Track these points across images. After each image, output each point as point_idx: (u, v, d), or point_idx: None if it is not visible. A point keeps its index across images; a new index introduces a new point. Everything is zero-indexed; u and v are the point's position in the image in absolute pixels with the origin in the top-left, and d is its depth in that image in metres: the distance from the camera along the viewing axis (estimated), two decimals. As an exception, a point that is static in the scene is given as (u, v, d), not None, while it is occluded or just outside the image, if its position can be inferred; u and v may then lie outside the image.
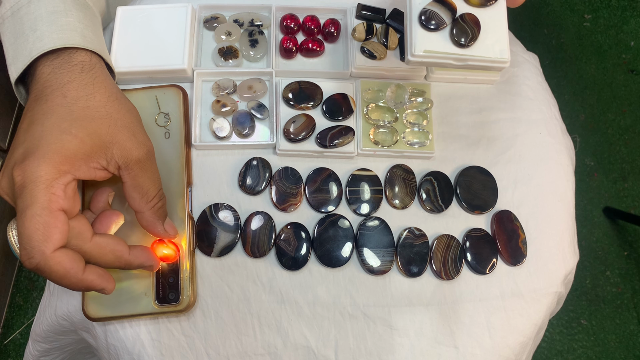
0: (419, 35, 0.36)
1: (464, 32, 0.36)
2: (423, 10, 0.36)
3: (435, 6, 0.36)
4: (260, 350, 0.40)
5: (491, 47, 0.36)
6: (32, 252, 0.29)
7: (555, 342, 1.03)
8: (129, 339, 0.40)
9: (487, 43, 0.36)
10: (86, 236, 0.32)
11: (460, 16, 0.36)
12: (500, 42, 0.36)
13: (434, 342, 0.42)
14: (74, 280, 0.31)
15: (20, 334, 0.91)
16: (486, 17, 0.37)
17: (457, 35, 0.36)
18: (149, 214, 0.36)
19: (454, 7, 0.37)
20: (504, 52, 0.36)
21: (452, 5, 0.37)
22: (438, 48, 0.36)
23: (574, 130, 1.20)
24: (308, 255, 0.42)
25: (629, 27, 1.34)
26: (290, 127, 0.45)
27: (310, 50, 0.49)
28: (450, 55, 0.36)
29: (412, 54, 0.35)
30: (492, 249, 0.44)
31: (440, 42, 0.36)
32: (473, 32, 0.36)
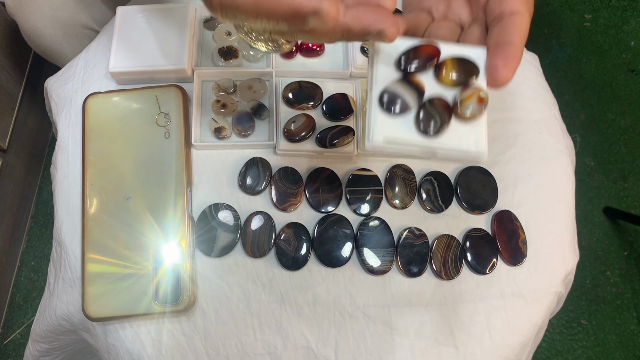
0: (378, 120, 0.29)
1: (431, 119, 0.29)
2: (385, 90, 0.29)
3: (400, 86, 0.30)
4: (260, 350, 0.40)
5: (465, 137, 0.29)
6: None
7: (555, 342, 1.02)
8: (128, 339, 0.40)
9: (461, 131, 0.29)
10: None
11: (428, 99, 0.29)
12: (477, 130, 0.29)
13: (434, 342, 0.41)
14: (269, 5, 0.23)
15: (20, 334, 0.91)
16: None
17: (424, 122, 0.29)
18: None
19: (421, 88, 0.30)
20: (481, 143, 0.29)
21: (420, 85, 0.30)
22: (400, 136, 0.29)
23: (574, 130, 1.20)
24: (308, 255, 0.42)
25: (629, 27, 1.34)
26: (290, 127, 0.45)
27: (310, 50, 0.49)
28: (415, 145, 0.29)
29: (370, 142, 0.29)
30: (492, 249, 0.44)
31: (404, 128, 0.29)
32: (442, 118, 0.29)
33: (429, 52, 0.30)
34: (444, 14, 0.35)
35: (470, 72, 0.30)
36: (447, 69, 0.30)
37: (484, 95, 0.29)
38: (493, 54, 0.29)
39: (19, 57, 0.88)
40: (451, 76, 0.30)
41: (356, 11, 0.25)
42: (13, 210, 0.92)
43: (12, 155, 0.90)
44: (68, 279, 0.42)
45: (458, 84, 0.30)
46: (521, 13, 0.30)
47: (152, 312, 0.39)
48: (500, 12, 0.30)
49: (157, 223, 0.41)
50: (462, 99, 0.29)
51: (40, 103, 0.96)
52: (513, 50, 0.28)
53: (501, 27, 0.30)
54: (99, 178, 0.42)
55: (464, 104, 0.28)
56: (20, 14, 0.53)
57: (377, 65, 0.30)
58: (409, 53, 0.30)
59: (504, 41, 0.29)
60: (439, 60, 0.30)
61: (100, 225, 0.41)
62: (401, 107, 0.29)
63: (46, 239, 0.98)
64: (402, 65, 0.30)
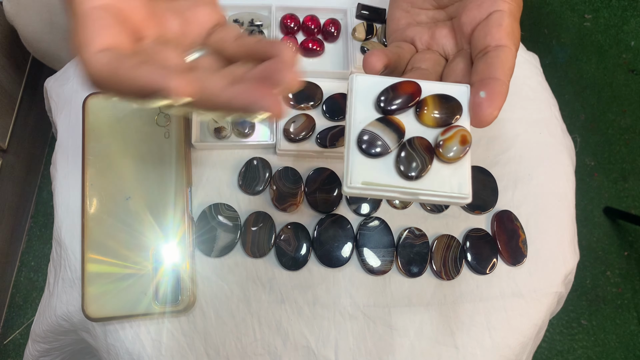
0: (356, 163, 0.27)
1: (412, 161, 0.27)
2: (363, 131, 0.28)
3: (378, 127, 0.28)
4: (260, 351, 0.40)
5: (447, 180, 0.28)
6: (80, 64, 0.23)
7: (555, 342, 1.02)
8: (128, 339, 0.40)
9: (443, 174, 0.28)
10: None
11: (408, 141, 0.28)
12: (460, 173, 0.28)
13: (434, 342, 0.41)
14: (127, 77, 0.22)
15: (20, 334, 0.91)
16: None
17: (404, 165, 0.27)
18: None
19: (401, 129, 0.28)
20: (464, 186, 0.28)
21: (400, 126, 0.28)
22: (380, 179, 0.27)
23: (574, 130, 1.20)
24: (308, 255, 0.42)
25: (629, 27, 1.34)
26: (290, 127, 0.45)
27: (310, 50, 0.49)
28: (395, 188, 0.27)
29: (348, 186, 0.27)
30: (492, 249, 0.44)
31: (383, 171, 0.27)
32: (424, 161, 0.27)
33: (409, 90, 0.29)
34: (427, 44, 0.34)
35: (452, 111, 0.28)
36: (429, 108, 0.28)
37: (468, 136, 0.28)
38: (477, 91, 0.27)
39: (19, 57, 0.88)
40: (433, 115, 0.28)
41: (240, 87, 0.23)
42: (13, 210, 0.92)
43: (12, 155, 0.90)
44: (68, 279, 0.42)
45: (440, 124, 0.28)
46: (507, 47, 0.28)
47: (152, 312, 0.39)
48: (485, 45, 0.29)
49: (157, 223, 0.41)
50: (444, 139, 0.28)
51: (40, 103, 0.96)
52: (498, 87, 0.27)
53: (485, 62, 0.28)
54: (98, 178, 0.42)
55: (446, 145, 0.27)
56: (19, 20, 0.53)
57: (355, 104, 0.29)
58: (388, 91, 0.29)
59: (489, 77, 0.27)
60: (420, 99, 0.29)
61: (100, 225, 0.41)
62: (380, 149, 0.27)
63: (46, 239, 0.98)
64: (381, 104, 0.28)
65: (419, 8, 0.35)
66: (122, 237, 0.41)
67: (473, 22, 0.30)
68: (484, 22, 0.30)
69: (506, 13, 0.29)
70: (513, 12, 0.30)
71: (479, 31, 0.30)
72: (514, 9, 0.30)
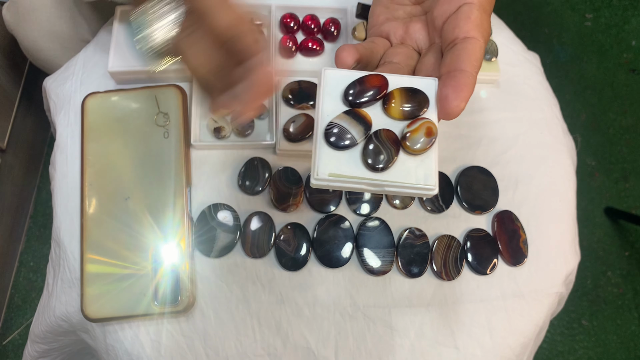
0: (324, 155, 0.28)
1: (378, 153, 0.27)
2: (330, 124, 0.28)
3: (345, 120, 0.28)
4: (260, 351, 0.40)
5: (413, 171, 0.28)
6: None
7: (556, 342, 1.02)
8: (127, 339, 0.40)
9: (409, 165, 0.28)
10: None
11: (374, 133, 0.28)
12: (426, 164, 0.28)
13: (435, 343, 0.41)
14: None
15: (19, 334, 0.91)
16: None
17: (370, 157, 0.27)
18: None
19: (368, 122, 0.28)
20: (430, 177, 0.28)
21: (367, 119, 0.28)
22: (346, 171, 0.28)
23: (575, 130, 1.20)
24: (308, 255, 0.42)
25: (630, 26, 1.34)
26: (290, 127, 0.45)
27: (310, 50, 0.48)
28: (362, 180, 0.28)
29: (315, 177, 0.28)
30: (493, 249, 0.44)
31: (350, 163, 0.28)
32: (390, 153, 0.27)
33: (376, 83, 0.29)
34: (401, 39, 0.34)
35: (420, 104, 0.29)
36: (396, 101, 0.29)
37: (433, 128, 0.28)
38: (444, 84, 0.28)
39: (18, 57, 0.88)
40: (399, 108, 0.29)
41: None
42: (12, 211, 0.92)
43: (11, 155, 0.90)
44: (67, 279, 0.42)
45: (407, 116, 0.29)
46: (474, 39, 0.28)
47: (151, 312, 0.39)
48: (454, 38, 0.29)
49: (156, 223, 0.41)
50: (410, 131, 0.28)
51: (39, 103, 0.96)
52: (464, 78, 0.27)
53: (453, 54, 0.29)
54: (98, 178, 0.42)
55: (412, 137, 0.28)
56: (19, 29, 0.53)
57: (324, 97, 0.29)
58: (355, 85, 0.29)
59: (455, 69, 0.28)
60: (387, 92, 0.29)
61: (99, 225, 0.41)
62: (347, 142, 0.28)
63: (45, 239, 0.98)
64: (348, 97, 0.29)
65: (398, 4, 0.36)
66: (122, 237, 0.41)
67: (444, 16, 0.31)
68: (454, 15, 0.30)
69: (475, 5, 0.29)
70: (483, 5, 0.30)
71: (448, 24, 0.30)
72: (484, 1, 0.30)
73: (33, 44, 0.54)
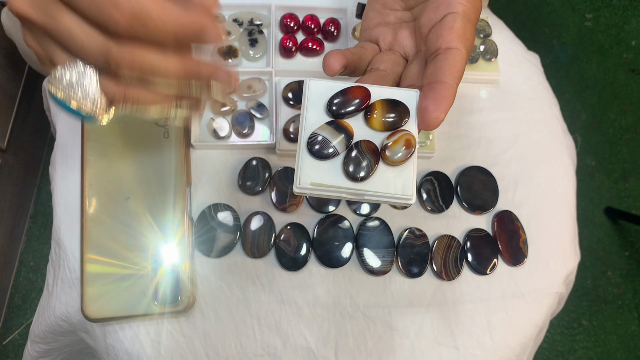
0: (306, 164, 0.29)
1: (358, 164, 0.28)
2: (313, 134, 0.29)
3: (328, 130, 0.29)
4: (260, 351, 0.40)
5: (392, 181, 0.29)
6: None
7: (556, 342, 1.02)
8: (127, 339, 0.40)
9: (388, 176, 0.29)
10: None
11: (355, 144, 0.29)
12: (404, 175, 0.29)
13: (435, 343, 0.41)
14: (178, 14, 0.24)
15: (19, 334, 0.91)
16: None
17: (351, 167, 0.28)
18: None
19: (350, 133, 0.29)
20: (407, 187, 0.29)
21: (349, 130, 0.29)
22: (327, 180, 0.29)
23: (575, 130, 1.20)
24: (308, 255, 0.42)
25: (630, 26, 1.34)
26: (290, 127, 0.45)
27: (310, 50, 0.48)
28: (343, 189, 0.29)
29: (298, 186, 0.29)
30: (492, 249, 0.44)
31: (331, 173, 0.29)
32: (370, 163, 0.28)
33: (359, 95, 0.30)
34: (390, 45, 0.34)
35: (400, 115, 0.29)
36: (377, 112, 0.29)
37: (412, 140, 0.29)
38: (424, 95, 0.28)
39: (18, 57, 0.88)
40: (381, 119, 0.29)
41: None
42: (12, 211, 0.92)
43: (11, 155, 0.90)
44: (67, 279, 0.42)
45: (388, 128, 0.29)
46: (456, 50, 0.29)
47: (152, 312, 0.39)
48: (436, 48, 0.29)
49: (157, 223, 0.41)
50: (389, 143, 0.29)
51: (39, 102, 0.96)
52: (444, 90, 0.27)
53: (435, 65, 0.29)
54: (98, 178, 0.42)
55: (392, 148, 0.28)
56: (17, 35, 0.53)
57: (308, 108, 0.30)
58: (338, 96, 0.30)
59: (436, 80, 0.28)
60: (370, 103, 0.30)
61: (99, 225, 0.41)
62: (329, 152, 0.29)
63: (45, 239, 0.98)
64: (331, 108, 0.29)
65: (390, 9, 0.36)
66: (122, 237, 0.41)
67: (429, 24, 0.31)
68: (438, 24, 0.30)
69: (459, 15, 0.29)
70: (467, 14, 0.30)
71: (432, 33, 0.30)
72: (468, 10, 0.30)
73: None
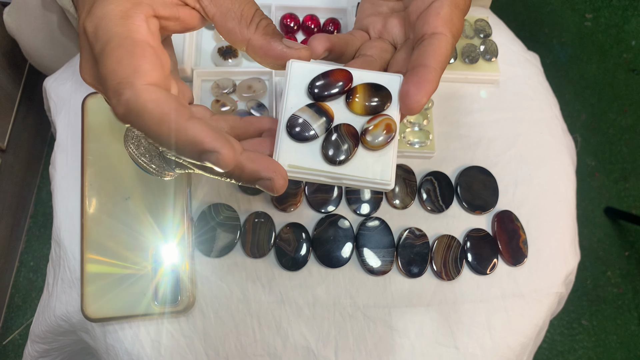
0: (284, 146, 0.28)
1: (337, 148, 0.28)
2: (293, 116, 0.28)
3: (308, 113, 0.29)
4: (260, 351, 0.40)
5: (371, 166, 0.28)
6: (120, 87, 0.22)
7: (556, 342, 1.02)
8: (127, 339, 0.40)
9: (367, 161, 0.28)
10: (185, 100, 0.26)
11: (335, 127, 0.29)
12: (384, 160, 0.28)
13: (435, 343, 0.41)
14: (175, 126, 0.22)
15: (19, 334, 0.91)
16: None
17: (330, 150, 0.28)
18: (256, 38, 0.28)
19: (330, 116, 0.29)
20: (386, 173, 0.28)
21: (329, 113, 0.29)
22: (305, 163, 0.28)
23: (575, 130, 1.20)
24: (308, 255, 0.42)
25: (630, 26, 1.34)
26: (290, 127, 0.45)
27: (310, 50, 0.48)
28: (321, 172, 0.28)
29: None
30: (492, 249, 0.44)
31: (309, 156, 0.28)
32: (349, 147, 0.28)
33: (341, 78, 0.29)
34: (379, 33, 0.34)
35: (382, 100, 0.29)
36: (359, 96, 0.29)
37: (393, 124, 0.28)
38: (407, 80, 0.28)
39: (18, 57, 0.88)
40: (362, 103, 0.29)
41: (251, 154, 0.25)
42: (12, 210, 0.92)
43: (11, 155, 0.90)
44: (67, 279, 0.42)
45: (369, 112, 0.29)
46: (442, 35, 0.28)
47: (152, 312, 0.39)
48: (422, 34, 0.29)
49: (157, 223, 0.41)
50: (370, 127, 0.28)
51: (39, 103, 0.96)
52: (427, 74, 0.27)
53: (419, 50, 0.29)
54: (98, 178, 0.42)
55: (372, 132, 0.28)
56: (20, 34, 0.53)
57: (289, 90, 0.30)
58: (319, 78, 0.29)
59: (419, 65, 0.28)
60: (352, 87, 0.29)
61: (99, 225, 0.41)
62: (308, 134, 0.28)
63: (45, 239, 0.98)
64: (312, 90, 0.29)
65: (383, 0, 0.36)
66: (122, 237, 0.41)
67: (417, 12, 0.31)
68: (425, 11, 0.30)
69: (446, 1, 0.29)
70: (455, 1, 0.30)
71: (419, 20, 0.30)
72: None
73: (34, 49, 0.54)
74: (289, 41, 0.29)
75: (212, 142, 0.22)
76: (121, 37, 0.23)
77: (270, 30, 0.29)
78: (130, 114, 0.23)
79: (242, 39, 0.28)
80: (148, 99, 0.22)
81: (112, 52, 0.23)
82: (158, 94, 0.22)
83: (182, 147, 0.23)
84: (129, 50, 0.23)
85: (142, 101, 0.22)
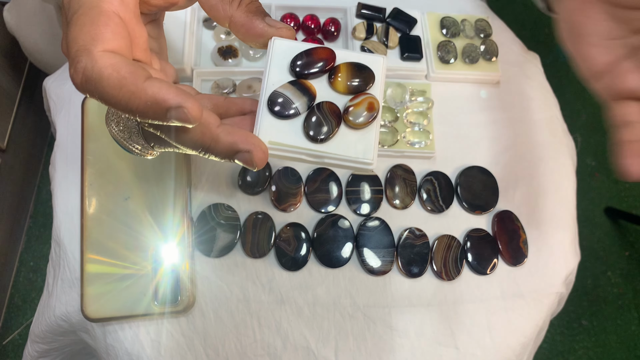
0: (265, 123, 0.28)
1: (319, 125, 0.28)
2: (274, 93, 0.28)
3: (289, 90, 0.28)
4: (260, 351, 0.40)
5: (353, 145, 0.28)
6: (77, 55, 0.22)
7: (556, 342, 1.02)
8: (127, 339, 0.40)
9: (349, 139, 0.28)
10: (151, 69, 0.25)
11: (317, 105, 0.28)
12: (366, 139, 0.28)
13: (435, 343, 0.41)
14: (133, 89, 0.22)
15: (19, 334, 0.91)
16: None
17: (312, 128, 0.28)
18: (239, 14, 0.28)
19: (312, 93, 0.29)
20: (368, 152, 0.28)
21: (311, 90, 0.29)
22: (287, 140, 0.28)
23: (575, 130, 1.20)
24: (308, 255, 0.42)
25: (630, 26, 1.34)
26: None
27: (310, 50, 0.48)
28: (302, 150, 0.28)
29: None
30: (493, 249, 0.44)
31: (291, 133, 0.28)
32: (331, 125, 0.28)
33: (324, 56, 0.29)
34: None
35: (365, 80, 0.29)
36: (342, 75, 0.29)
37: (375, 103, 0.28)
38: None
39: (18, 57, 0.88)
40: (345, 82, 0.29)
41: (229, 127, 0.25)
42: (12, 210, 0.92)
43: (11, 155, 0.90)
44: (67, 279, 0.42)
45: (352, 91, 0.29)
46: None
47: (151, 312, 0.39)
48: None
49: (157, 223, 0.41)
50: (352, 105, 0.28)
51: (39, 103, 0.96)
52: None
53: None
54: (98, 178, 0.42)
55: (354, 111, 0.28)
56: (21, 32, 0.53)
57: (271, 67, 0.29)
58: (302, 56, 0.29)
59: None
60: (335, 65, 0.29)
61: (99, 225, 0.41)
62: (290, 111, 0.28)
63: (45, 239, 0.98)
64: (295, 68, 0.29)
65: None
66: (122, 237, 0.41)
67: None
68: None
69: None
70: None
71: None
72: None
73: (34, 46, 0.54)
74: (272, 19, 0.29)
75: (174, 98, 0.22)
76: (89, 6, 0.23)
77: (253, 8, 0.28)
78: (88, 82, 0.22)
79: (224, 16, 0.28)
80: (104, 64, 0.22)
81: (77, 20, 0.23)
82: (114, 59, 0.22)
83: (145, 110, 0.22)
84: (92, 19, 0.23)
85: (98, 67, 0.21)
